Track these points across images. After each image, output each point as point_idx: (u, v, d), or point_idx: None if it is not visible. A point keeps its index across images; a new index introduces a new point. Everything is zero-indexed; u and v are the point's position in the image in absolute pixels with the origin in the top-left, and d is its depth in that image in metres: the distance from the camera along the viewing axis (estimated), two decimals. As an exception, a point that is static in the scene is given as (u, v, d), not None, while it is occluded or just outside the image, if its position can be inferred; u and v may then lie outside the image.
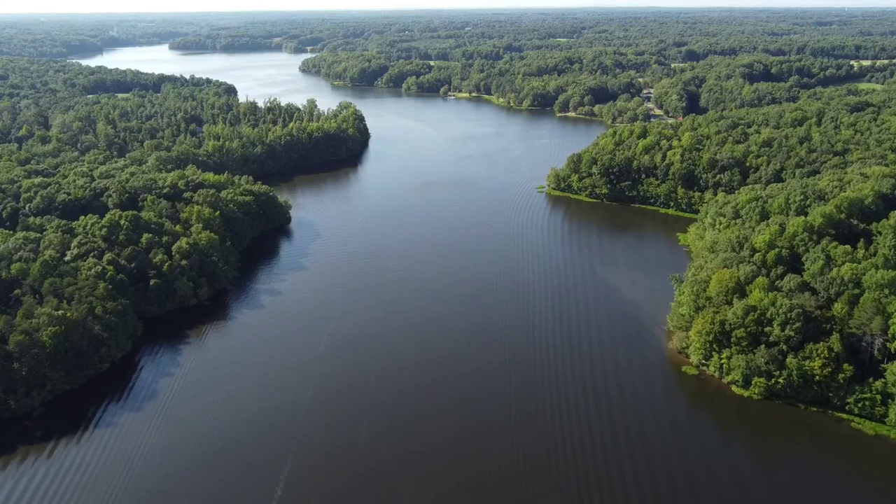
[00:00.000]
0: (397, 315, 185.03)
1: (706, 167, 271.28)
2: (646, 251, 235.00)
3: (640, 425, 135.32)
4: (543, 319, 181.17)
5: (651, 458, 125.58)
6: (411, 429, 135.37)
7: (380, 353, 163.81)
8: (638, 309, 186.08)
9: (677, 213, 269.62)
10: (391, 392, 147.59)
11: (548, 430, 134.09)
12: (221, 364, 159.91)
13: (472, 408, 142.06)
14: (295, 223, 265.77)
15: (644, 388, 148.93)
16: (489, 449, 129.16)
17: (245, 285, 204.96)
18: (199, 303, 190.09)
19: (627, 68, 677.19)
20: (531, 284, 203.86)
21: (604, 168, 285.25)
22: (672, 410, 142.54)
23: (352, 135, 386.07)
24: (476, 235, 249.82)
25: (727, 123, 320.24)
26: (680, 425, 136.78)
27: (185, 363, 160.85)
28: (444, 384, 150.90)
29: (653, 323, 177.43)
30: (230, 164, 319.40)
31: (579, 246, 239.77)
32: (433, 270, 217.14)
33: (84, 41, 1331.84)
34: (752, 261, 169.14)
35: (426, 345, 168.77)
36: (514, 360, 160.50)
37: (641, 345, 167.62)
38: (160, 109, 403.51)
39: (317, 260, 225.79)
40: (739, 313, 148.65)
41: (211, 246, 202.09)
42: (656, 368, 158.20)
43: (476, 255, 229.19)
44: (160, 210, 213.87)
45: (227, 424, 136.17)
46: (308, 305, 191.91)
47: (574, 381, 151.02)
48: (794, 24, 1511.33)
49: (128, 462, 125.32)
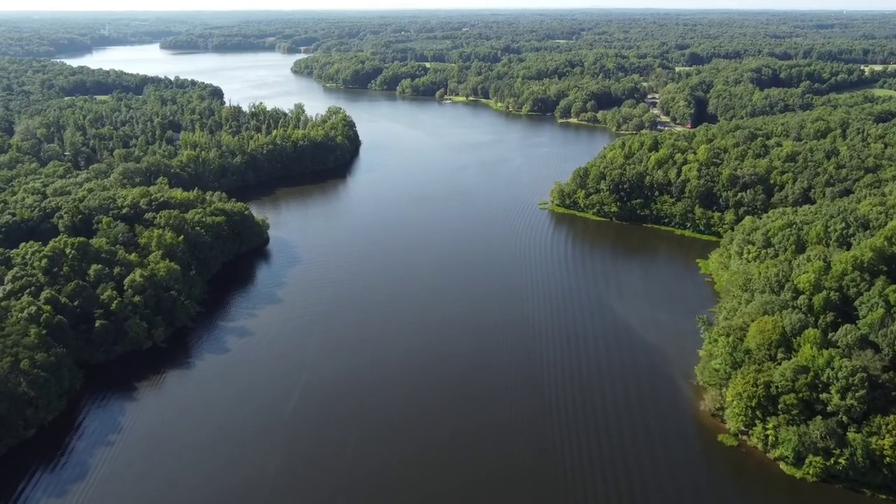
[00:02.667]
0: (383, 362, 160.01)
1: (726, 184, 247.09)
2: (663, 281, 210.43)
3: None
4: (552, 367, 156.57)
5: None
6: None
7: (359, 415, 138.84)
8: (659, 356, 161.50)
9: (694, 235, 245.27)
10: (371, 470, 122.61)
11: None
12: (171, 430, 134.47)
13: (470, 493, 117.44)
14: (274, 244, 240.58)
15: (671, 462, 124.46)
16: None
17: (210, 323, 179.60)
18: (154, 345, 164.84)
19: (630, 72, 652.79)
20: (537, 323, 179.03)
21: (613, 184, 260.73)
22: (705, 492, 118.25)
23: (340, 143, 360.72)
24: (474, 260, 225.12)
25: (745, 134, 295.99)
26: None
27: (128, 427, 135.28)
28: (435, 464, 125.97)
29: (678, 374, 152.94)
30: (206, 176, 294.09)
31: (588, 274, 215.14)
32: (426, 303, 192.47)
33: (73, 40, 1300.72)
34: (795, 305, 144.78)
35: (414, 404, 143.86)
36: (519, 425, 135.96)
37: (666, 404, 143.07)
38: (136, 114, 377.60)
39: (294, 290, 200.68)
40: (788, 375, 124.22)
41: (171, 277, 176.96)
42: (685, 436, 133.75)
43: (474, 286, 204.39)
44: (115, 235, 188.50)
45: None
46: (280, 349, 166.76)
47: (589, 455, 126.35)
48: (794, 26, 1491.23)
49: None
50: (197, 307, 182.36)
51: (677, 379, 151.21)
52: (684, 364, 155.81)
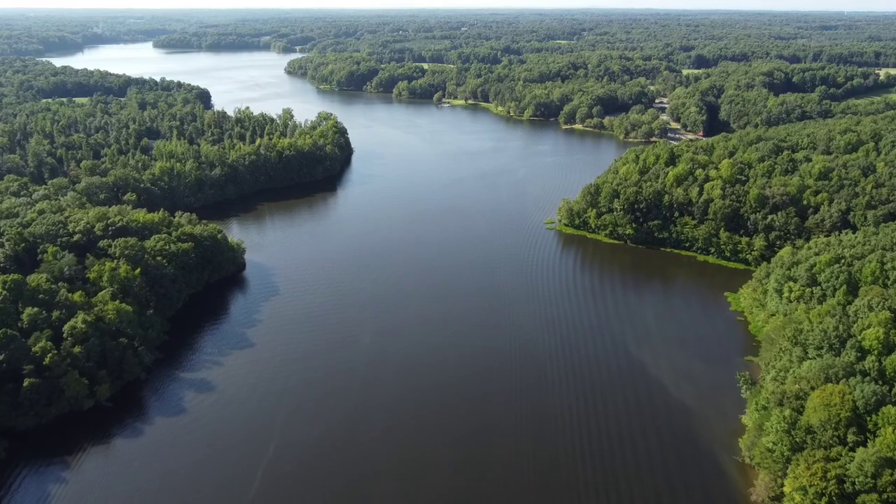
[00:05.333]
0: (365, 427, 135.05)
1: (754, 205, 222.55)
2: (689, 318, 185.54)
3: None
4: (566, 430, 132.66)
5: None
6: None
7: (336, 499, 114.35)
8: (695, 420, 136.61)
9: (719, 262, 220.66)
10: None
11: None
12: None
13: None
14: (251, 271, 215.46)
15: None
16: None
17: (167, 373, 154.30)
18: (97, 404, 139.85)
19: (636, 74, 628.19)
20: (548, 372, 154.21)
21: (628, 203, 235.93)
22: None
23: (330, 152, 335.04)
24: (472, 290, 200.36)
25: (769, 147, 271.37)
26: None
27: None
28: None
29: (719, 447, 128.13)
30: (181, 190, 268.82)
31: (603, 308, 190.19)
32: (417, 345, 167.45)
33: (64, 38, 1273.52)
34: (863, 369, 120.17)
35: (404, 483, 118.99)
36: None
37: (708, 487, 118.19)
38: (111, 120, 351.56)
39: (268, 330, 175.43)
40: (868, 469, 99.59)
41: (122, 320, 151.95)
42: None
43: (472, 323, 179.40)
44: (61, 268, 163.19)
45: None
46: (246, 406, 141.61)
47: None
48: (798, 28, 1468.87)
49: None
50: (153, 354, 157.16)
51: (718, 453, 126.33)
52: (726, 432, 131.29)
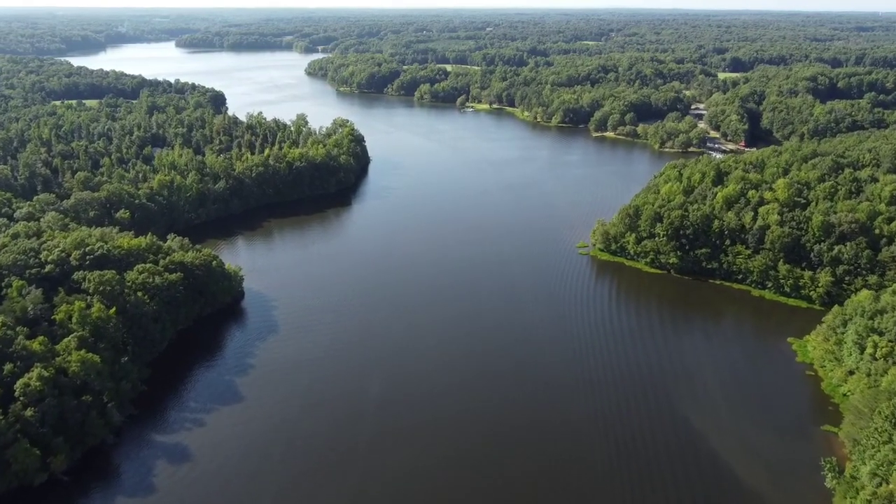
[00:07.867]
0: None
1: (818, 234, 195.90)
2: (747, 368, 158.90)
3: None
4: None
5: None
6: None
7: None
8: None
9: (777, 298, 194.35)
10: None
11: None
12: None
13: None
14: (249, 300, 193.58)
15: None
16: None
17: (139, 435, 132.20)
18: (51, 478, 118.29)
19: (669, 78, 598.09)
20: (582, 436, 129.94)
21: (672, 229, 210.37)
22: None
23: (344, 163, 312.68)
24: (496, 326, 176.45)
25: (827, 164, 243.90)
26: None
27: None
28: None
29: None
30: (181, 206, 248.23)
31: (646, 353, 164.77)
32: (432, 399, 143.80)
33: (87, 37, 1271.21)
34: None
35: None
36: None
37: None
38: (114, 126, 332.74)
39: (261, 378, 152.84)
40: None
41: (88, 373, 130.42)
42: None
43: (496, 370, 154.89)
44: (24, 308, 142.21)
45: None
46: (229, 486, 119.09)
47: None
48: (833, 28, 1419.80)
49: None
50: (125, 410, 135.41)
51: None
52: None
